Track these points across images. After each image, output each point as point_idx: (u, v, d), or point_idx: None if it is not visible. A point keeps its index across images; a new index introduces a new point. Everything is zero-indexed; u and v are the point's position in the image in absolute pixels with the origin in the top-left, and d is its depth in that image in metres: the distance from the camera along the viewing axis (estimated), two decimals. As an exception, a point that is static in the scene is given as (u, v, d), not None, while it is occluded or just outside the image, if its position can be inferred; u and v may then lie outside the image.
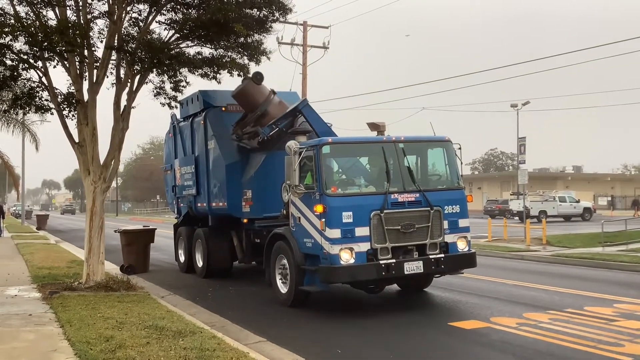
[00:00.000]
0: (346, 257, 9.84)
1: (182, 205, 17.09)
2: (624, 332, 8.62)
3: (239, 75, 13.28)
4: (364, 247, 9.95)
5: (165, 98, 13.72)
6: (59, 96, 12.35)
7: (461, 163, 11.31)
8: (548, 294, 11.98)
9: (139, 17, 12.71)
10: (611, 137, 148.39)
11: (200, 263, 15.55)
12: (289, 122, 13.22)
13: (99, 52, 12.49)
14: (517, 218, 43.03)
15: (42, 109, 12.41)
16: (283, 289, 11.16)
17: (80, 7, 12.07)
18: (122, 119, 12.83)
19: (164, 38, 12.75)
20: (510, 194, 54.30)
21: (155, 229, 17.85)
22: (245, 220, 13.74)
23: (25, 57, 11.74)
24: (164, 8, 12.42)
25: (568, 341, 8.16)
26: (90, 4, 12.04)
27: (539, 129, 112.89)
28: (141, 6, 12.44)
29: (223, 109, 14.71)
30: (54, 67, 12.28)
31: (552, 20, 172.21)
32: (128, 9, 12.43)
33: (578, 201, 46.62)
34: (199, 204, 15.63)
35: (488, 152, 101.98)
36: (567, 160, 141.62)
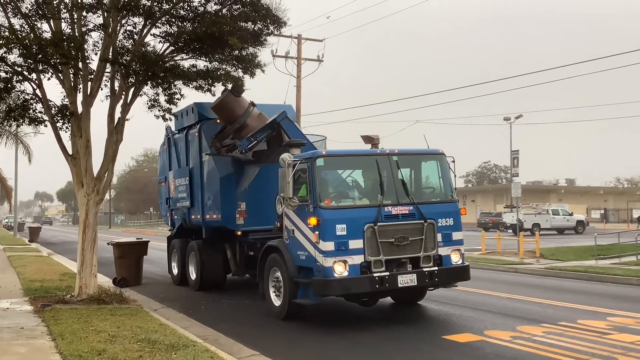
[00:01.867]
0: (340, 270, 9.82)
1: (175, 217, 17.06)
2: (617, 345, 8.63)
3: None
4: (358, 259, 9.94)
5: (159, 110, 13.73)
6: (53, 108, 12.35)
7: (455, 176, 11.35)
8: (542, 307, 11.99)
9: (134, 30, 12.75)
10: (604, 151, 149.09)
11: (193, 276, 15.49)
12: (267, 135, 13.26)
13: (94, 65, 12.55)
14: (510, 231, 43.11)
15: (35, 121, 12.42)
16: (276, 301, 11.12)
17: (75, 20, 12.09)
18: (116, 131, 12.83)
19: (158, 51, 12.78)
20: (504, 207, 54.46)
21: (149, 241, 17.78)
22: (239, 233, 13.72)
23: (20, 69, 11.76)
24: (159, 21, 12.45)
25: (562, 355, 8.16)
26: (85, 17, 12.06)
27: (532, 142, 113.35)
28: (136, 19, 12.47)
29: (218, 121, 14.70)
30: (48, 79, 12.32)
31: (550, 19, 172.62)
32: (123, 21, 12.47)
33: (571, 214, 46.76)
34: (192, 216, 15.60)
35: (481, 165, 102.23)
36: (560, 173, 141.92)
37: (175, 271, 16.84)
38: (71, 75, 12.32)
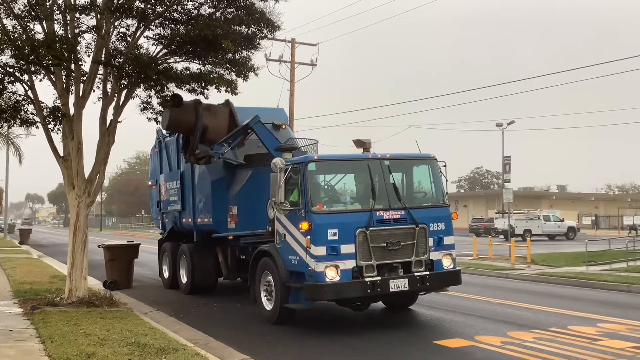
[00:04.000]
0: (331, 275, 9.81)
1: (167, 220, 17.00)
2: (607, 351, 8.65)
3: (226, 91, 13.27)
4: (350, 264, 9.94)
5: (152, 113, 13.69)
6: (45, 110, 12.28)
7: (446, 181, 11.38)
8: (532, 313, 12.01)
9: (127, 32, 12.70)
10: (595, 157, 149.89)
11: (184, 279, 15.43)
12: (240, 140, 13.23)
13: (86, 66, 12.49)
14: (502, 236, 43.22)
15: (27, 123, 12.33)
16: (268, 305, 11.10)
17: (68, 22, 12.04)
18: (108, 133, 12.78)
19: (151, 53, 12.75)
20: (496, 213, 54.62)
21: (140, 244, 17.70)
22: (230, 237, 13.68)
23: (11, 70, 11.69)
24: (152, 23, 12.42)
25: (552, 360, 8.18)
26: (78, 19, 12.02)
27: (524, 148, 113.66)
28: (129, 21, 12.43)
29: None
30: (40, 80, 12.23)
31: (545, 24, 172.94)
32: (116, 24, 12.42)
33: (562, 220, 46.93)
34: (184, 220, 15.56)
35: (474, 170, 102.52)
36: (552, 179, 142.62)
37: (166, 274, 16.78)
38: (63, 77, 12.27)
